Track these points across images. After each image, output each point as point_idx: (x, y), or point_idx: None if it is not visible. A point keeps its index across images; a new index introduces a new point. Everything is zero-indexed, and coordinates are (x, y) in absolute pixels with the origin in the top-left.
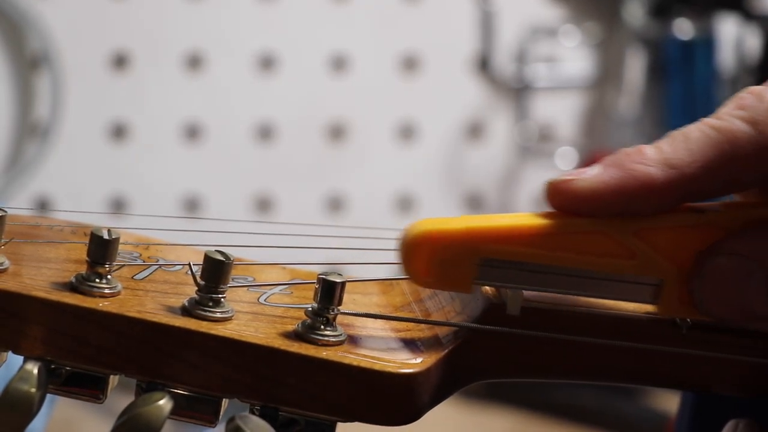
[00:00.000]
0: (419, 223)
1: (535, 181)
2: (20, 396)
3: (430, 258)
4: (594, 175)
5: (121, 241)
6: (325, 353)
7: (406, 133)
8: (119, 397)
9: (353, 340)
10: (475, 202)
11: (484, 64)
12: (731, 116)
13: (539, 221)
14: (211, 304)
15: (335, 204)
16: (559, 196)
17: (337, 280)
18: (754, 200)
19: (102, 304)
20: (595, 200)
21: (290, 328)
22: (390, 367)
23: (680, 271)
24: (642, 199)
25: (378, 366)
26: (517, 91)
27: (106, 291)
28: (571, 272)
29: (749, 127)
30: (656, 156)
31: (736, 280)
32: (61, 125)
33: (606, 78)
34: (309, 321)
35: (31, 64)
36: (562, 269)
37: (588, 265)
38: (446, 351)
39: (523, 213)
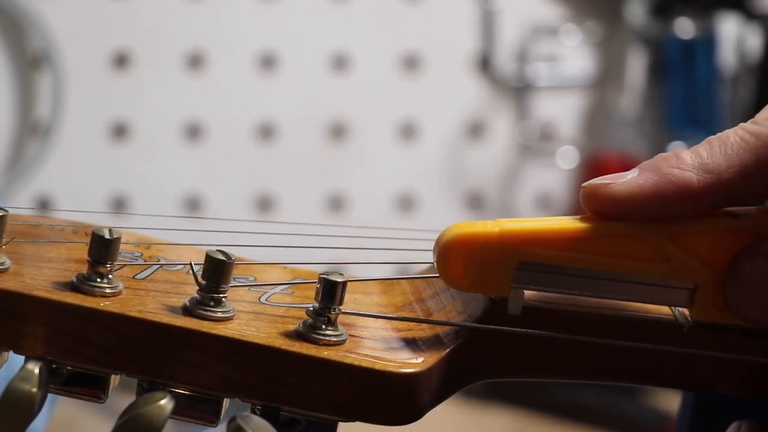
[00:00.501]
0: (455, 226)
1: (536, 180)
2: (21, 396)
3: (466, 261)
4: (631, 179)
5: (122, 240)
6: (326, 353)
7: (407, 132)
8: (120, 396)
9: (354, 340)
10: (475, 202)
11: (484, 64)
12: None
13: (576, 225)
14: (212, 303)
15: (336, 203)
16: (595, 199)
17: (339, 280)
18: None
19: (103, 304)
20: (632, 204)
21: (291, 327)
22: (391, 367)
23: (715, 276)
24: (678, 204)
25: (379, 366)
26: (518, 91)
27: (108, 291)
28: (606, 276)
29: None
30: (693, 161)
31: None
32: (62, 124)
33: (607, 77)
34: (310, 321)
35: (32, 63)
36: (598, 273)
37: (623, 269)
38: (447, 351)
39: (560, 217)
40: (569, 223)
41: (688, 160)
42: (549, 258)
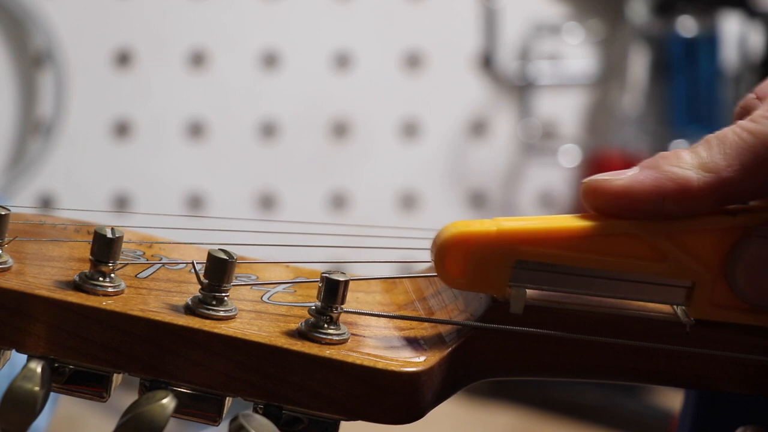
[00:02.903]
0: (452, 224)
1: (538, 178)
2: (24, 394)
3: (464, 260)
4: (631, 175)
5: (124, 239)
6: (328, 352)
7: (410, 130)
8: (123, 395)
9: (356, 339)
10: (478, 200)
11: (487, 62)
12: (766, 119)
13: (573, 223)
14: (214, 302)
15: (338, 201)
16: (594, 194)
17: (341, 279)
18: None
19: (105, 303)
20: (630, 200)
21: (294, 326)
22: (393, 366)
23: (712, 274)
24: (677, 202)
25: (381, 364)
26: (521, 89)
27: (110, 289)
28: (604, 274)
29: None
30: (693, 160)
31: None
32: (64, 123)
33: (609, 75)
34: (312, 319)
35: (34, 61)
36: (596, 271)
37: (621, 267)
38: (449, 349)
39: (557, 215)
40: (567, 221)
41: (688, 159)
42: (546, 257)
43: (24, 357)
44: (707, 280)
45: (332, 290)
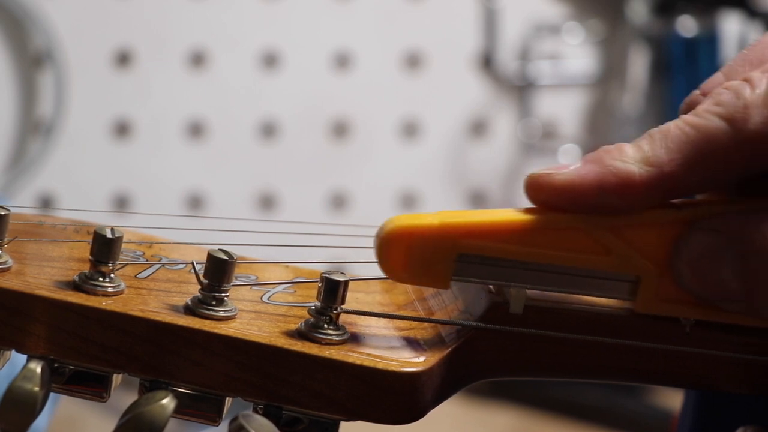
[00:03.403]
0: (395, 218)
1: None
2: (24, 395)
3: (406, 254)
4: (573, 170)
5: (124, 239)
6: (328, 352)
7: (410, 130)
8: (123, 395)
9: (356, 339)
10: (478, 199)
11: (487, 62)
12: (709, 113)
13: (516, 217)
14: (214, 302)
15: (338, 201)
16: (537, 188)
17: (340, 279)
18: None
19: (105, 303)
20: (573, 194)
21: (293, 326)
22: (393, 366)
23: (658, 268)
24: (620, 196)
25: (381, 365)
26: (521, 89)
27: (110, 290)
28: (547, 268)
29: (726, 124)
30: (635, 154)
31: (712, 254)
32: (64, 123)
33: (609, 75)
34: (312, 320)
35: (34, 61)
36: (539, 265)
37: (564, 261)
38: (449, 350)
39: (500, 209)
40: (510, 215)
41: (630, 153)
42: (489, 250)
43: (24, 357)
44: (652, 274)
45: (332, 290)
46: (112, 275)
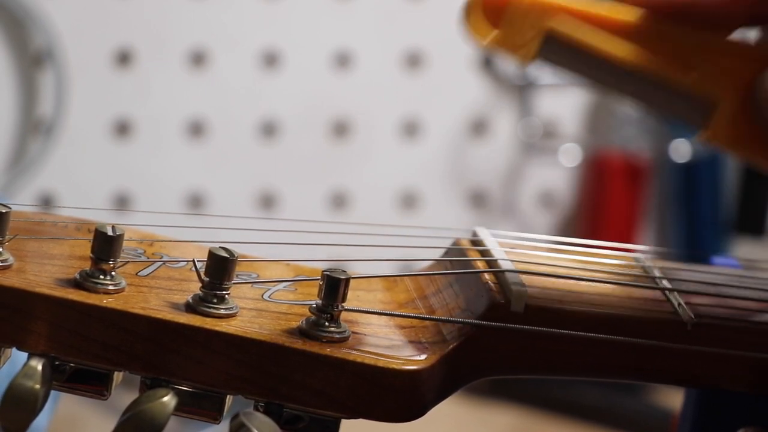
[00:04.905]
0: None
1: (538, 178)
2: (24, 392)
3: (499, 12)
4: None
5: (125, 237)
6: (329, 350)
7: (410, 130)
8: (123, 393)
9: (357, 337)
10: (478, 199)
11: (487, 61)
12: None
13: (612, 10)
14: (215, 300)
15: (339, 201)
16: None
17: (341, 277)
18: None
19: (106, 301)
20: None
21: (294, 324)
22: (394, 364)
23: (736, 96)
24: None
25: (382, 363)
26: (521, 88)
27: (110, 287)
28: (630, 71)
29: None
30: None
31: None
32: (64, 122)
33: None
34: (313, 318)
35: (34, 60)
36: (623, 65)
37: (648, 65)
38: (450, 348)
39: (604, 3)
40: (608, 8)
41: None
42: (578, 33)
43: (24, 355)
44: (730, 102)
45: (333, 288)
46: (113, 273)
